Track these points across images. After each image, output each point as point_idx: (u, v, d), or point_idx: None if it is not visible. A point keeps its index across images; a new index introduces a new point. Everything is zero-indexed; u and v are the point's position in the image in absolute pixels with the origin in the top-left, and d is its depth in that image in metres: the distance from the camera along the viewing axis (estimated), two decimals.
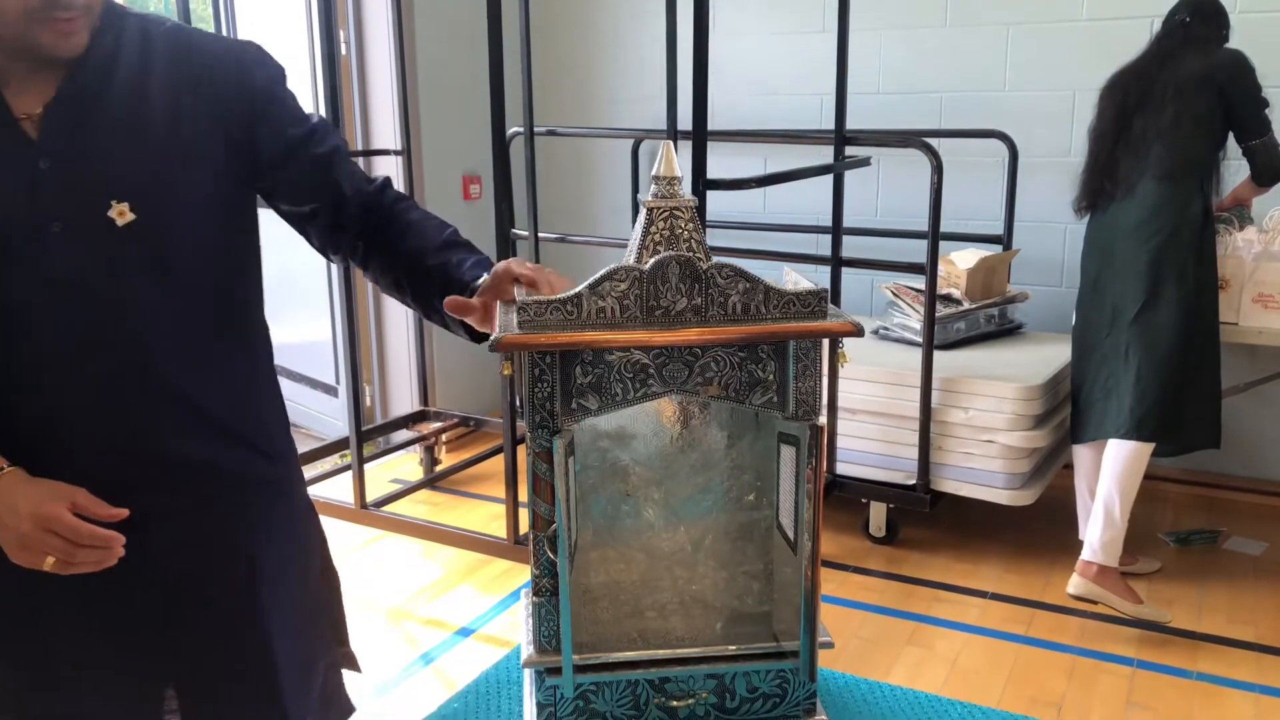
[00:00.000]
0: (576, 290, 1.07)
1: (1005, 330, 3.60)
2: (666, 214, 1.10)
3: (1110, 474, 2.84)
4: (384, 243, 1.32)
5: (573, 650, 1.13)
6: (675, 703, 1.16)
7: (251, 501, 1.31)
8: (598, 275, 1.07)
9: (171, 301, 1.22)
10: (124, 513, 1.14)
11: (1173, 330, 2.74)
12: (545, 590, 1.14)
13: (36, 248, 1.14)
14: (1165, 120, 2.74)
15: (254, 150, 1.26)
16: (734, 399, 1.13)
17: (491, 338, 1.05)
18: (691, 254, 1.08)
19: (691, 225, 1.12)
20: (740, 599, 1.26)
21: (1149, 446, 2.82)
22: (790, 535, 1.14)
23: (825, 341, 1.11)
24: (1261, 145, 2.76)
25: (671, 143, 1.13)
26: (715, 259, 1.09)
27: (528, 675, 1.24)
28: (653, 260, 1.07)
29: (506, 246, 3.03)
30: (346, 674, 1.50)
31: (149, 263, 1.19)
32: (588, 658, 1.16)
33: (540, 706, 1.16)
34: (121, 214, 1.16)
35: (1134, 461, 2.82)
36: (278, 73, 1.31)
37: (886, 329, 3.57)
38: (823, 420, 1.10)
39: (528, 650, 1.16)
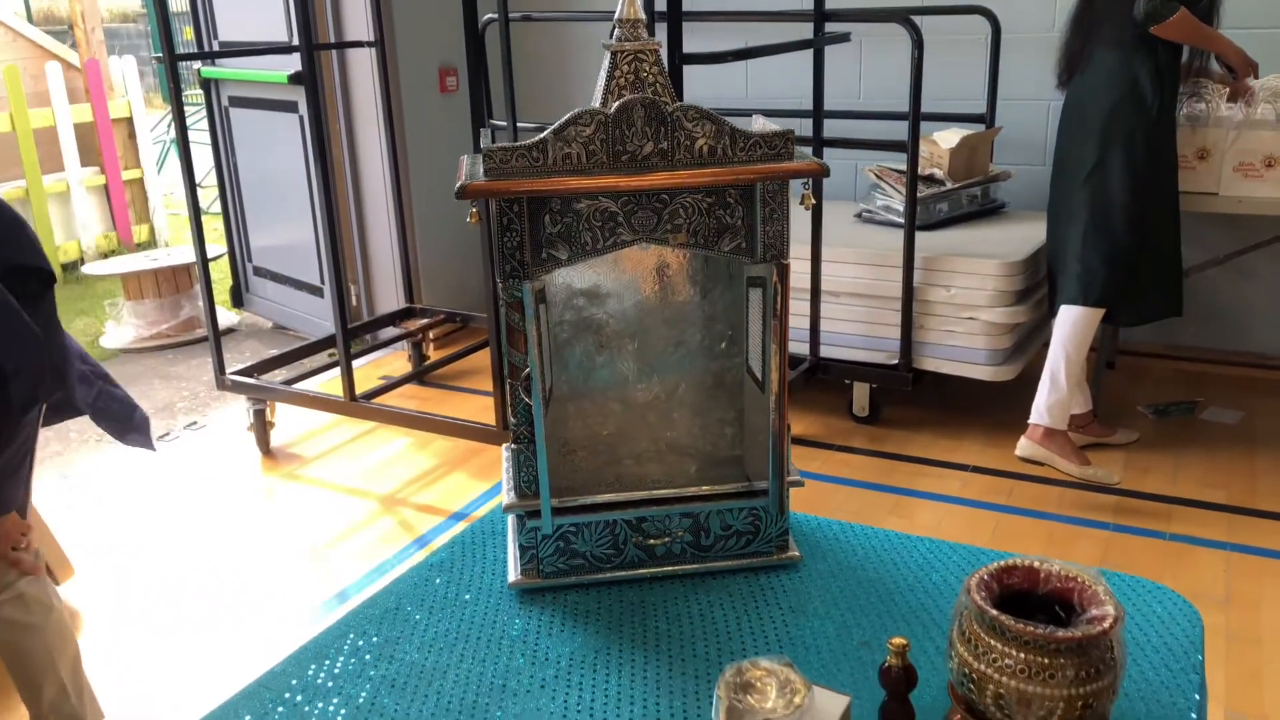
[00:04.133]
0: (542, 136, 1.07)
1: (987, 210, 3.60)
2: (630, 57, 1.10)
3: (1056, 339, 2.91)
4: None
5: (551, 494, 1.17)
6: (652, 541, 1.20)
7: None
8: (562, 120, 1.07)
9: None
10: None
11: (1121, 196, 2.76)
12: (523, 437, 1.17)
13: None
14: None
15: None
16: (703, 246, 1.14)
17: (457, 184, 1.06)
18: (656, 97, 1.08)
19: (656, 69, 1.11)
20: (714, 444, 1.29)
21: (1096, 313, 2.87)
22: (759, 376, 1.16)
23: (791, 183, 1.12)
24: None
25: None
26: (681, 102, 1.09)
27: (511, 523, 1.28)
28: (617, 103, 1.07)
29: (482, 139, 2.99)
30: None
31: None
32: (566, 501, 1.19)
33: (523, 549, 1.20)
34: None
35: (1080, 327, 2.87)
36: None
37: (870, 212, 3.57)
38: (789, 260, 1.12)
39: (509, 496, 1.19)
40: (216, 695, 1.03)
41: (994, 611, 0.78)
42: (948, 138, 3.46)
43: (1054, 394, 2.91)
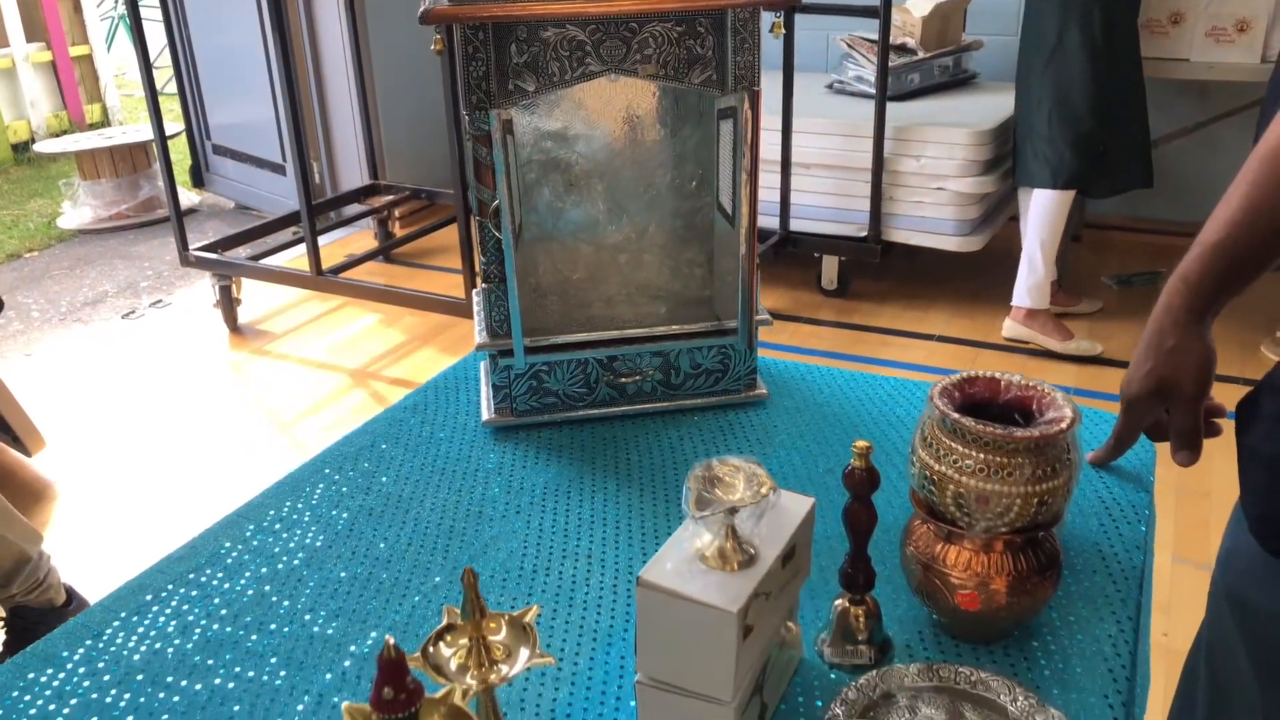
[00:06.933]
0: None
1: (959, 80, 3.57)
2: None
3: (1031, 223, 2.94)
4: None
5: (523, 333, 1.17)
6: (623, 379, 1.22)
7: None
8: None
9: None
10: None
11: (1081, 78, 2.75)
12: (494, 276, 1.16)
13: None
14: None
15: None
16: (672, 78, 1.13)
17: (420, 10, 1.03)
18: None
19: None
20: (684, 285, 1.30)
21: (1067, 195, 2.89)
22: (729, 211, 1.16)
23: (762, 12, 1.10)
24: None
25: None
26: None
27: (484, 367, 1.29)
28: None
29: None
30: None
31: None
32: (538, 340, 1.20)
33: (496, 389, 1.21)
34: None
35: (1053, 210, 2.89)
36: None
37: (842, 82, 3.53)
38: (760, 88, 1.10)
39: (481, 336, 1.20)
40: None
41: (955, 415, 0.81)
42: (920, 5, 3.40)
43: (1032, 276, 2.94)
